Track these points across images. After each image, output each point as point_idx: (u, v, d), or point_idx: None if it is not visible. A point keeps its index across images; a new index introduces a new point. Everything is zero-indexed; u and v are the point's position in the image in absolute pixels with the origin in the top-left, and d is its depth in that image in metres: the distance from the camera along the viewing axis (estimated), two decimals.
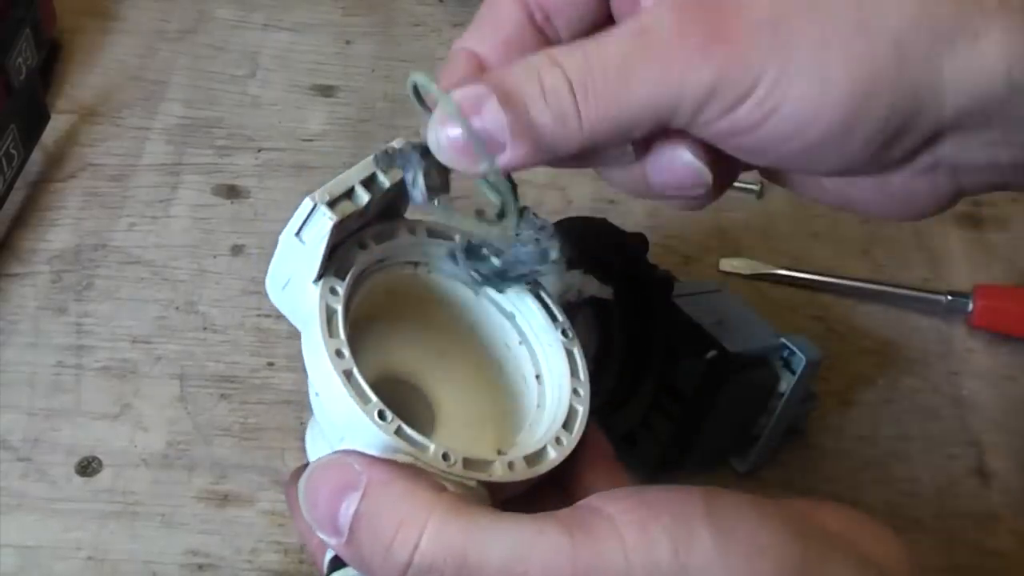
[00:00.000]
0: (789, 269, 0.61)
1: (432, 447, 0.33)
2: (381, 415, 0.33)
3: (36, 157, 0.62)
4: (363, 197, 0.36)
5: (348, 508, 0.30)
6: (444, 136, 0.34)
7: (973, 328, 0.59)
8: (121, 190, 0.62)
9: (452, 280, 0.40)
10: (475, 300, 0.40)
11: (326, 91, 0.68)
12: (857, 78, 0.30)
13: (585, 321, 0.49)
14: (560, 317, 0.39)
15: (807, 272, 0.61)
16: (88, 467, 0.51)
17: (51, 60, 0.67)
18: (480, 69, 0.36)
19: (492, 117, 0.32)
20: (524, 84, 0.32)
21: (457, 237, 0.39)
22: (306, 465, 0.33)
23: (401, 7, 0.73)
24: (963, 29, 0.30)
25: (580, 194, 0.64)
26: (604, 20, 0.36)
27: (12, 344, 0.55)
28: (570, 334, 0.39)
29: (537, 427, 0.37)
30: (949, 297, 0.59)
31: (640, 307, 0.48)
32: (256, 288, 0.58)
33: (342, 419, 0.33)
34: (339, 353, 0.34)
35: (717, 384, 0.48)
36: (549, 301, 0.39)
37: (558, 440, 0.36)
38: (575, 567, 0.29)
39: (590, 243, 0.50)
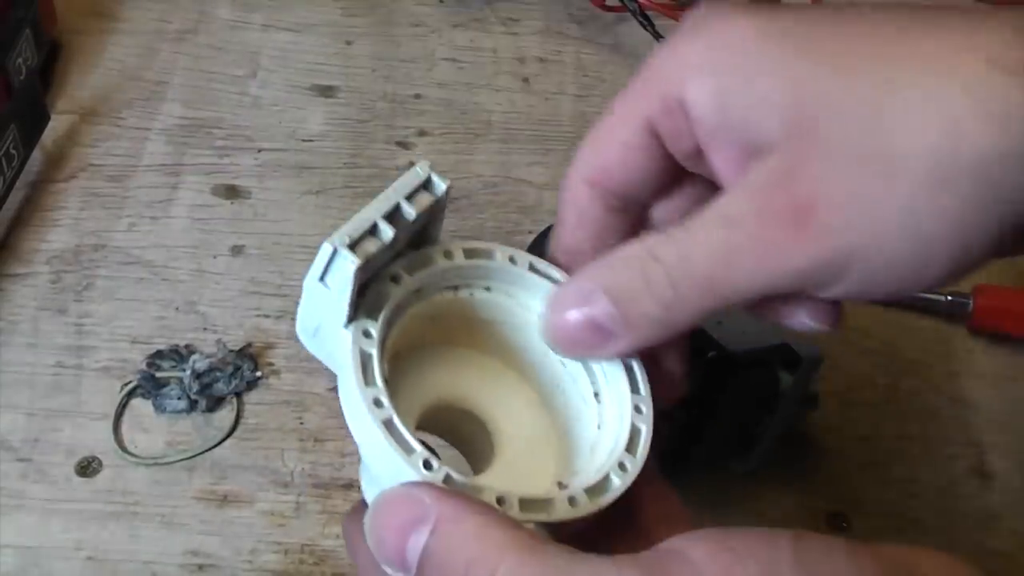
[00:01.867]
0: None
1: (485, 490, 0.31)
2: (427, 465, 0.31)
3: (36, 157, 0.62)
4: (388, 232, 0.34)
5: (417, 543, 0.30)
6: (560, 322, 0.35)
7: (973, 328, 0.59)
8: (121, 190, 0.62)
9: (499, 300, 0.38)
10: (525, 319, 0.38)
11: (326, 91, 0.68)
12: (954, 230, 0.30)
13: None
14: None
15: None
16: (88, 467, 0.51)
17: (51, 60, 0.67)
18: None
19: (602, 310, 0.34)
20: (628, 280, 0.34)
21: (497, 253, 0.38)
22: (364, 503, 0.32)
23: (401, 7, 0.73)
24: None
25: None
26: (674, 176, 0.37)
27: (12, 344, 0.55)
28: None
29: (598, 450, 0.36)
30: (949, 297, 0.59)
31: None
32: (256, 288, 0.59)
33: (386, 470, 0.32)
34: (377, 402, 0.32)
35: (718, 385, 0.47)
36: None
37: (621, 466, 0.34)
38: None
39: None
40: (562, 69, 0.71)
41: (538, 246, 0.54)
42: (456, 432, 0.38)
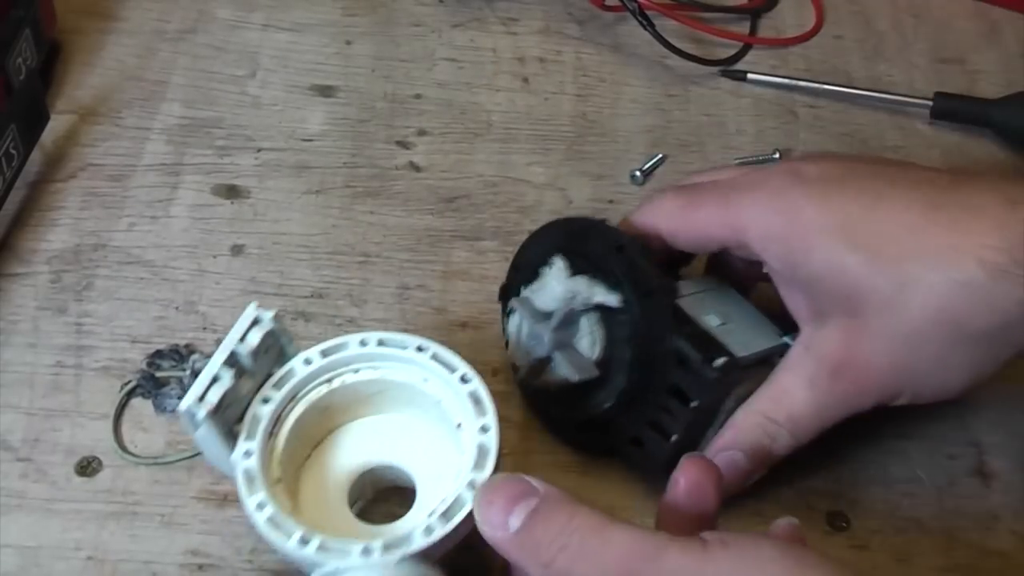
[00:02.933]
0: None
1: (354, 550, 0.40)
2: (303, 540, 0.41)
3: (36, 157, 0.62)
4: (227, 377, 0.43)
5: (525, 508, 0.39)
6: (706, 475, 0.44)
7: None
8: (121, 190, 0.62)
9: (369, 375, 0.47)
10: (399, 380, 0.47)
11: (326, 91, 0.68)
12: (966, 372, 0.47)
13: (589, 325, 0.49)
14: (460, 366, 0.45)
15: None
16: (88, 467, 0.51)
17: (51, 60, 0.67)
18: None
19: (744, 464, 0.49)
20: (757, 440, 0.49)
21: (350, 343, 0.47)
22: None
23: (401, 7, 0.73)
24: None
25: (580, 195, 0.64)
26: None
27: (12, 344, 0.55)
28: (469, 376, 0.45)
29: (459, 475, 0.43)
30: None
31: (644, 310, 0.48)
32: (256, 288, 0.59)
33: (278, 548, 0.41)
34: (260, 505, 0.42)
35: (726, 390, 0.48)
36: (447, 354, 0.46)
37: (471, 484, 0.42)
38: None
39: (591, 245, 0.50)
40: (562, 69, 0.71)
41: (530, 247, 0.53)
42: (382, 486, 0.48)
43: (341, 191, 0.63)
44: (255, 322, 0.45)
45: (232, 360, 0.44)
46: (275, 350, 0.46)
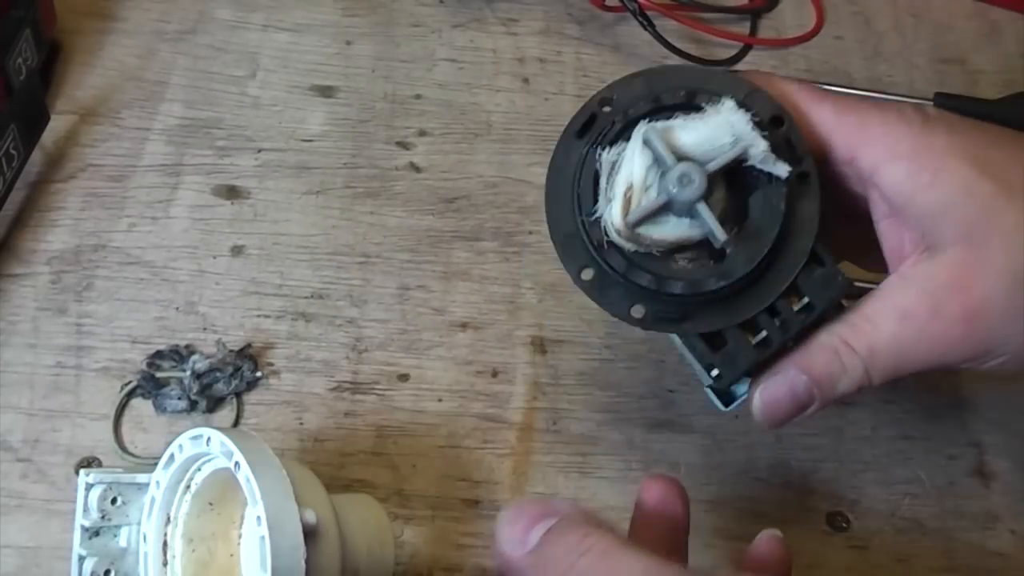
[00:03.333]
0: None
1: None
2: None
3: (36, 157, 0.62)
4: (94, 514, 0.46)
5: (544, 527, 0.38)
6: (770, 402, 0.44)
7: None
8: (121, 190, 0.62)
9: (210, 469, 0.45)
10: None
11: (326, 91, 0.68)
12: None
13: (722, 189, 0.43)
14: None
15: None
16: (88, 467, 0.51)
17: (51, 60, 0.67)
18: None
19: (806, 391, 0.43)
20: (827, 366, 0.43)
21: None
22: None
23: (401, 7, 0.73)
24: None
25: None
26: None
27: (12, 344, 0.55)
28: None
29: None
30: None
31: (799, 193, 0.43)
32: (256, 289, 0.59)
33: None
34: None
35: (837, 309, 0.44)
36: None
37: None
38: None
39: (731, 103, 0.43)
40: (562, 69, 0.71)
41: (644, 81, 0.46)
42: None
43: (341, 192, 0.63)
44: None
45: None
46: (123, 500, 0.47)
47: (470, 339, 0.58)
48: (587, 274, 0.43)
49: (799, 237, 0.42)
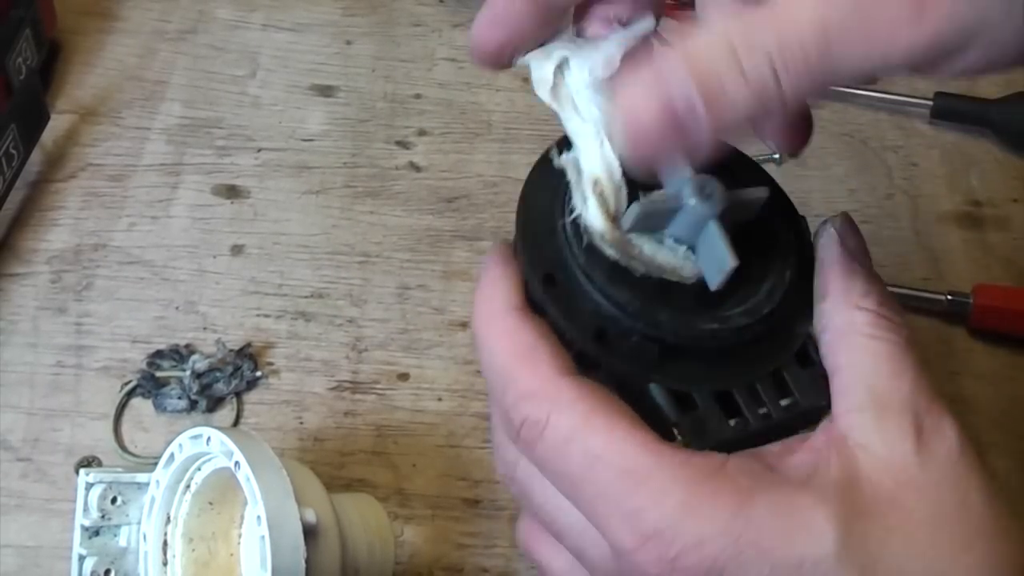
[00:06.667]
0: None
1: None
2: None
3: (36, 157, 0.62)
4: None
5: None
6: (630, 111, 0.31)
7: (973, 328, 0.59)
8: (121, 190, 0.62)
9: (210, 470, 0.45)
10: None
11: (326, 91, 0.68)
12: None
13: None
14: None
15: None
16: (88, 467, 0.51)
17: (51, 60, 0.67)
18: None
19: (682, 94, 0.30)
20: (716, 59, 0.30)
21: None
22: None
23: (401, 7, 0.73)
24: None
25: None
26: None
27: (12, 344, 0.55)
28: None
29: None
30: (949, 297, 0.59)
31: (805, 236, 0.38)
32: (256, 288, 0.59)
33: None
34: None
35: (809, 421, 0.38)
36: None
37: None
38: None
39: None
40: None
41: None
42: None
43: (341, 191, 0.63)
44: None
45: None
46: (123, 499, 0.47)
47: (470, 338, 0.57)
48: (551, 283, 0.36)
49: (796, 318, 0.37)
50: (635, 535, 0.31)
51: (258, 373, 0.55)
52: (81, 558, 0.45)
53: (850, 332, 0.34)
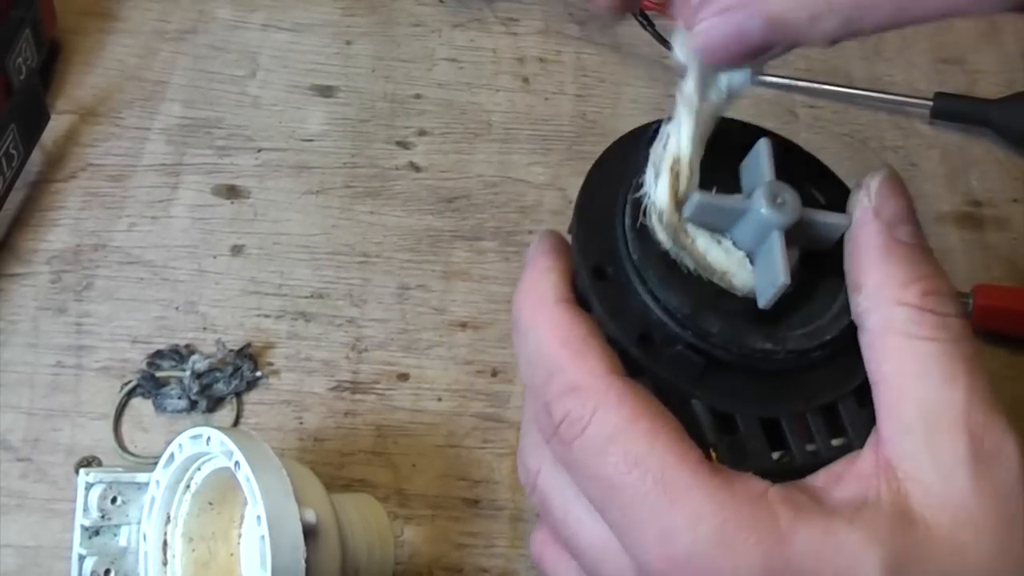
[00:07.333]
0: None
1: None
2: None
3: (36, 157, 0.62)
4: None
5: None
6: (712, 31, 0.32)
7: (973, 328, 0.59)
8: (121, 190, 0.62)
9: (210, 470, 0.45)
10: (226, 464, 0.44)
11: (326, 91, 0.68)
12: None
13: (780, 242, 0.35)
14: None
15: None
16: (88, 467, 0.51)
17: (51, 60, 0.67)
18: None
19: (759, 32, 0.32)
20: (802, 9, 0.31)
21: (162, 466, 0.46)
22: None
23: (401, 7, 0.73)
24: None
25: None
26: None
27: (12, 344, 0.55)
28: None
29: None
30: None
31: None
32: (256, 288, 0.59)
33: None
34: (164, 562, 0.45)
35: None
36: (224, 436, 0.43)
37: None
38: None
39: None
40: (562, 69, 0.71)
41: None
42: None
43: (341, 191, 0.63)
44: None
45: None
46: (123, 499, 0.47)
47: (470, 339, 0.58)
48: (600, 276, 0.34)
49: (851, 353, 0.34)
50: (664, 559, 0.30)
51: (258, 373, 0.55)
52: (81, 558, 0.45)
53: (889, 332, 0.31)
